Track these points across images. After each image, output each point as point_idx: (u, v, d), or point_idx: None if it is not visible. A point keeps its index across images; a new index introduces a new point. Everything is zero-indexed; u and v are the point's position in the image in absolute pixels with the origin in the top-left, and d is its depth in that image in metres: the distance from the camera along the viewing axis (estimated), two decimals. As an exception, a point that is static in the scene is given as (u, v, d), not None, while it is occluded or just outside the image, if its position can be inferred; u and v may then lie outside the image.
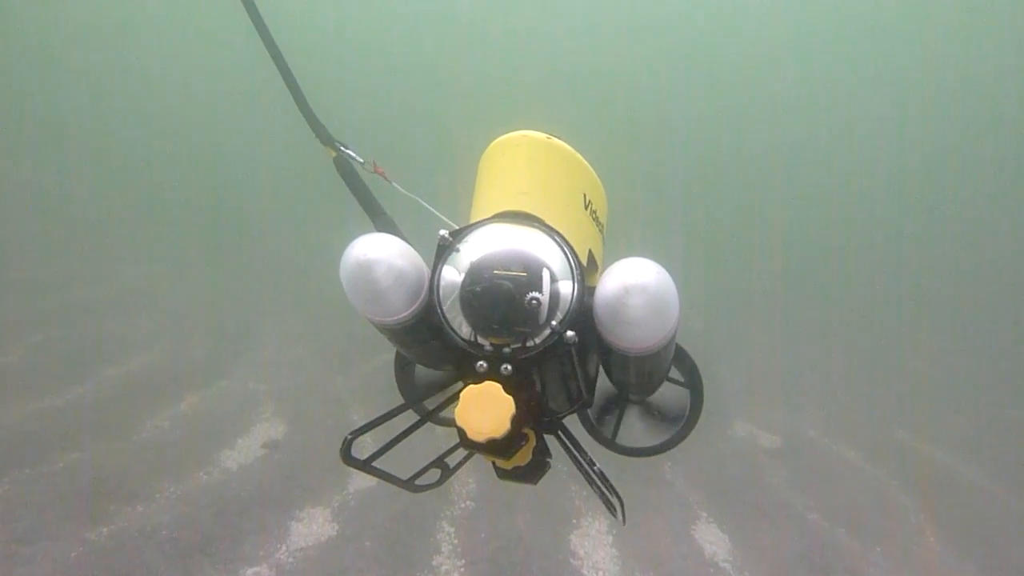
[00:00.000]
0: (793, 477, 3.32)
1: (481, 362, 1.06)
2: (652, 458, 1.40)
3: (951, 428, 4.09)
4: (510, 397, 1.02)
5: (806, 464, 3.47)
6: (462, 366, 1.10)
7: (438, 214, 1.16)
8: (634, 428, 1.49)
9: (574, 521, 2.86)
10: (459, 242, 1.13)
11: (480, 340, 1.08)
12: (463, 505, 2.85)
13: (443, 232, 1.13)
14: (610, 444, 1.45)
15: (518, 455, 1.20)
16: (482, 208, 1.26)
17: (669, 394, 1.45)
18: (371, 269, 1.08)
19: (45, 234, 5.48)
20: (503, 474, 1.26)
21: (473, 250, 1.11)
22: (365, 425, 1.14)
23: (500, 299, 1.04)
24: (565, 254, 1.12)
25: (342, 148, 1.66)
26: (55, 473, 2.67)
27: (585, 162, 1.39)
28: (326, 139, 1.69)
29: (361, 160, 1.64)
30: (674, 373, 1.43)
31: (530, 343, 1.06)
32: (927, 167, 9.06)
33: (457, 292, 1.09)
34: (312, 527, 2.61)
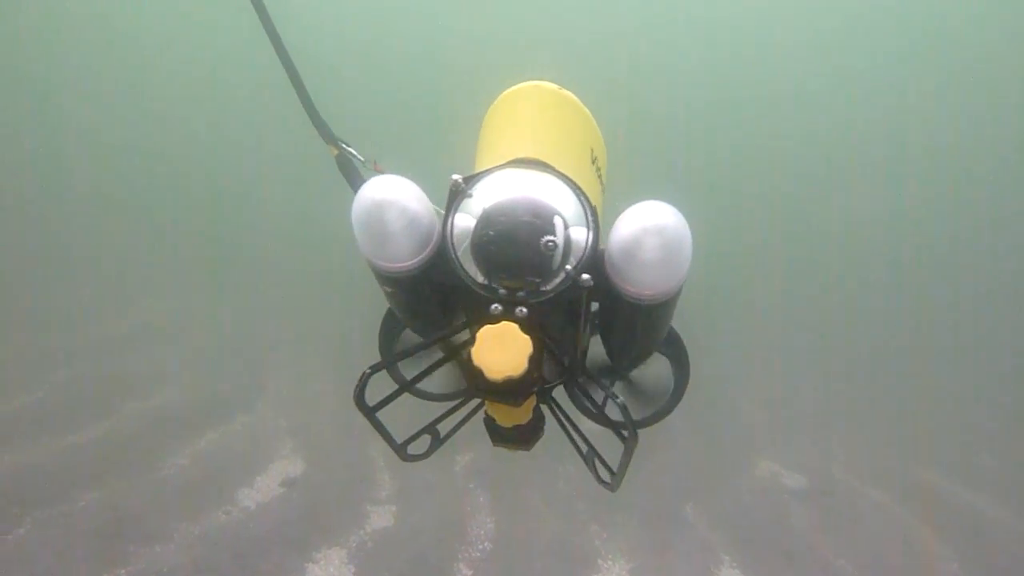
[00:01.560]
0: (820, 520, 3.23)
1: (496, 304, 1.05)
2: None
3: (984, 469, 3.97)
4: (527, 336, 1.01)
5: (833, 506, 3.38)
6: (474, 311, 1.09)
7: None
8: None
9: (593, 563, 2.80)
10: (472, 187, 1.13)
11: (493, 284, 1.07)
12: (481, 547, 2.81)
13: (456, 177, 1.12)
14: (598, 417, 1.45)
15: (521, 410, 1.18)
16: (493, 156, 1.25)
17: (653, 370, 1.43)
18: (384, 210, 1.06)
19: (67, 269, 5.58)
20: (500, 438, 1.25)
21: (486, 196, 1.11)
22: (382, 363, 1.15)
23: (516, 241, 1.04)
24: (579, 199, 1.13)
25: (344, 146, 1.69)
26: (75, 513, 2.68)
27: (592, 118, 1.39)
28: (329, 137, 1.73)
29: (362, 159, 1.67)
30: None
31: (544, 287, 1.06)
32: (970, 191, 8.61)
33: (470, 237, 1.08)
34: (329, 569, 2.59)
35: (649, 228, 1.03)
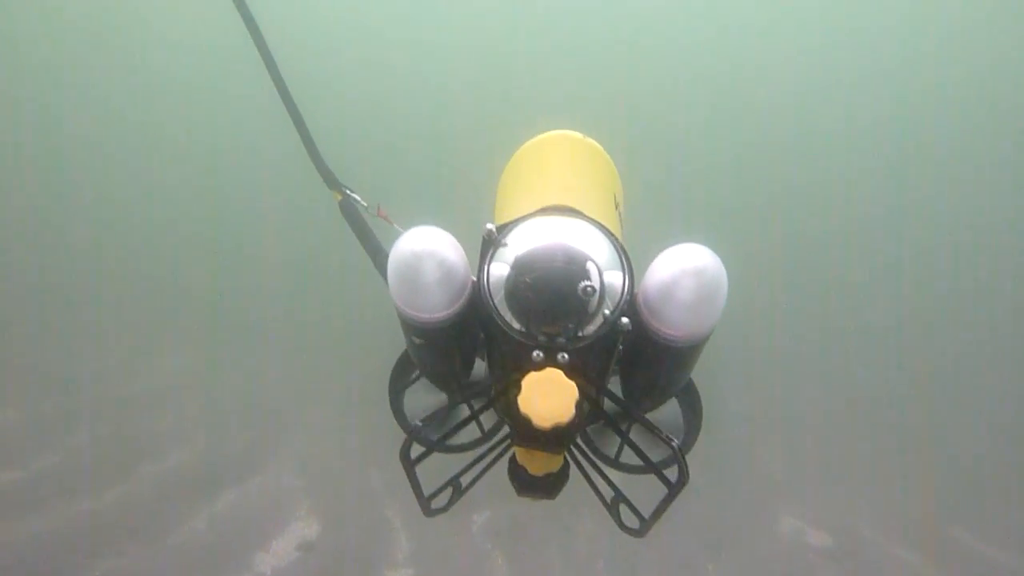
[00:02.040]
0: (847, 582, 3.12)
1: (538, 352, 1.05)
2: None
3: (1018, 526, 3.82)
4: (572, 382, 1.01)
5: (861, 567, 3.27)
6: (513, 360, 1.09)
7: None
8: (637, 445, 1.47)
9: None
10: (505, 236, 1.13)
11: (532, 332, 1.07)
12: (499, 611, 2.74)
13: (489, 226, 1.12)
14: (614, 463, 1.42)
15: (554, 457, 1.19)
16: (521, 204, 1.26)
17: (664, 414, 1.43)
18: (422, 262, 1.07)
19: (82, 328, 5.62)
20: (527, 487, 1.24)
21: (519, 244, 1.11)
22: (430, 418, 1.17)
23: (554, 288, 1.04)
24: (612, 244, 1.13)
25: (348, 192, 1.71)
26: (94, 581, 2.67)
27: (613, 164, 1.43)
28: (333, 183, 1.75)
29: (365, 204, 1.69)
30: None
31: (583, 332, 1.07)
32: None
33: (504, 286, 1.09)
34: (347, 635, 2.54)
35: (688, 270, 1.05)
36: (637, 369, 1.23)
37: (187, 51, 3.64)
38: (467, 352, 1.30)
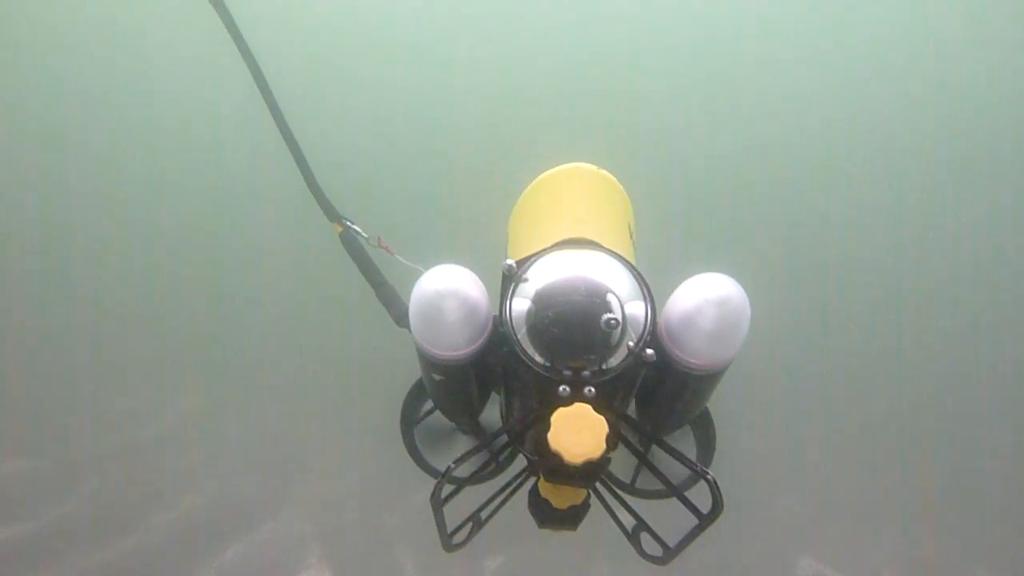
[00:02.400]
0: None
1: (563, 387, 1.06)
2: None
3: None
4: (602, 416, 1.00)
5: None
6: (536, 395, 1.09)
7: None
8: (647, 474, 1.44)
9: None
10: (526, 272, 1.14)
11: (557, 367, 1.07)
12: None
13: (510, 262, 1.13)
14: (631, 489, 1.42)
15: (579, 492, 1.18)
16: (538, 238, 1.26)
17: (676, 443, 1.42)
18: (446, 300, 1.07)
19: (87, 375, 5.60)
20: (549, 520, 1.23)
21: (539, 278, 1.12)
22: (463, 456, 1.13)
23: (578, 322, 1.04)
24: (633, 275, 1.14)
25: (348, 224, 1.73)
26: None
27: (626, 194, 1.44)
28: (333, 216, 1.76)
29: (366, 236, 1.71)
30: None
31: (607, 365, 1.07)
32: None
33: (525, 321, 1.09)
34: None
35: (712, 299, 1.05)
36: (655, 398, 1.24)
37: (182, 86, 3.67)
38: (484, 387, 1.31)
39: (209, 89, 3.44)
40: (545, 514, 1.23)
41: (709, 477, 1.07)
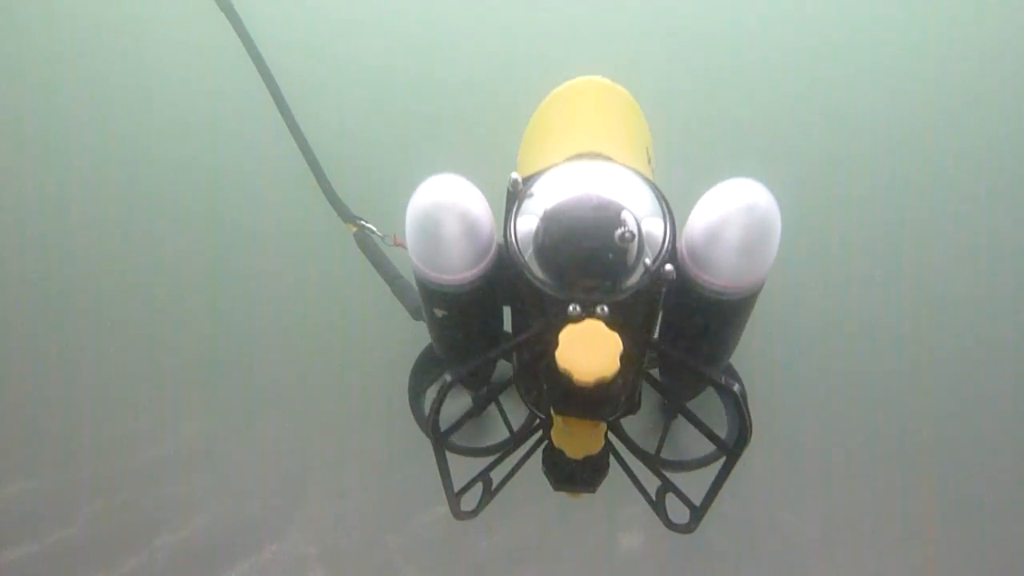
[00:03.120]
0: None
1: (574, 305, 0.97)
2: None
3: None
4: (615, 333, 0.92)
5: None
6: (547, 319, 1.00)
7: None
8: (678, 443, 1.38)
9: None
10: (531, 186, 1.05)
11: (568, 288, 0.99)
12: None
13: (515, 176, 1.04)
14: (654, 459, 1.33)
15: (595, 436, 1.09)
16: (548, 155, 1.18)
17: (708, 407, 1.34)
18: (444, 212, 0.98)
19: (92, 395, 5.55)
20: (565, 478, 1.15)
21: (547, 194, 1.04)
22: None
23: (590, 236, 0.96)
24: (650, 189, 1.06)
25: (363, 223, 1.73)
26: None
27: (643, 116, 1.35)
28: (347, 216, 1.77)
29: (381, 234, 1.71)
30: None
31: (624, 284, 0.99)
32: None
33: (533, 241, 1.01)
34: None
35: (740, 206, 0.95)
36: (680, 335, 1.15)
37: (191, 88, 3.66)
38: (493, 326, 1.21)
39: (216, 90, 3.43)
40: (560, 470, 1.15)
41: (736, 388, 0.98)
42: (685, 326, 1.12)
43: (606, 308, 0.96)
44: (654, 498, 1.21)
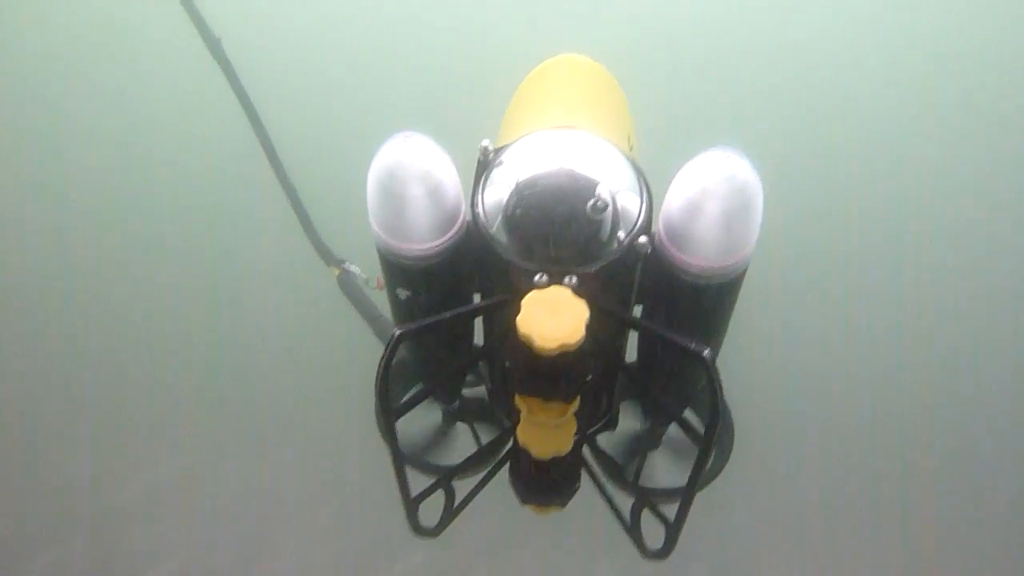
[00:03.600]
0: None
1: (541, 274, 0.90)
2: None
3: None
4: (582, 300, 0.86)
5: None
6: (514, 288, 0.94)
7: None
8: (656, 470, 1.31)
9: None
10: (502, 154, 1.00)
11: (536, 260, 0.93)
12: None
13: (485, 143, 0.98)
14: (632, 487, 1.25)
15: (563, 434, 1.01)
16: (522, 128, 1.11)
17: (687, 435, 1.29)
18: (407, 172, 0.92)
19: (75, 432, 5.37)
20: (533, 489, 1.08)
21: (519, 163, 0.98)
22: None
23: (561, 204, 0.89)
24: (626, 160, 1.01)
25: (346, 266, 1.71)
26: None
27: (626, 100, 1.29)
28: (330, 259, 1.74)
29: (365, 276, 1.67)
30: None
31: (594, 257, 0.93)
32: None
33: (502, 212, 0.95)
34: None
35: (720, 176, 0.89)
36: (657, 333, 1.06)
37: (175, 125, 3.62)
38: (460, 316, 1.13)
39: (202, 129, 3.39)
40: (527, 477, 1.08)
41: (706, 354, 0.86)
42: (661, 318, 1.06)
43: (575, 278, 0.90)
44: (628, 519, 1.13)
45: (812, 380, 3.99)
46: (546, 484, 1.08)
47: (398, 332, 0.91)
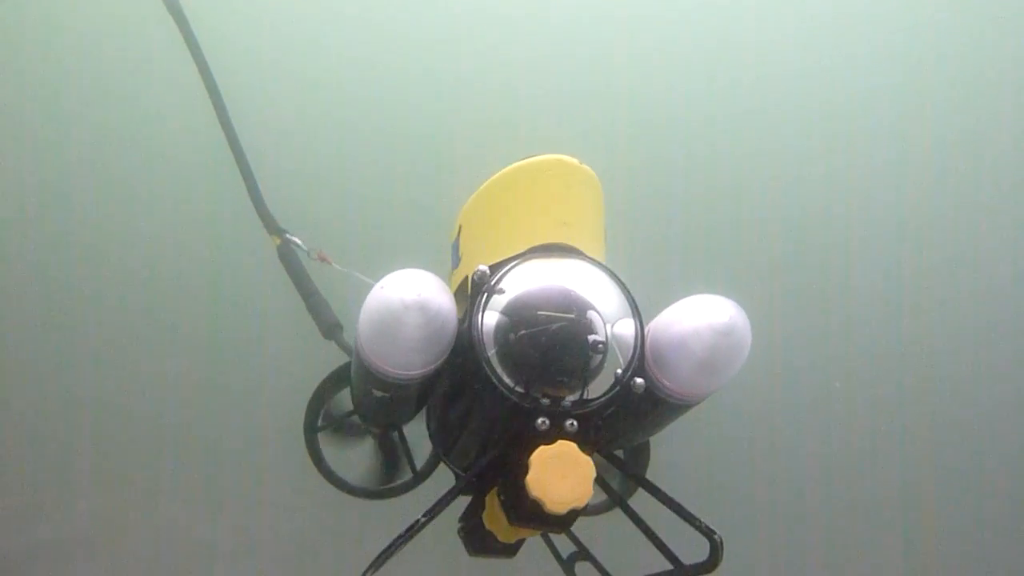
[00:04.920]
0: None
1: (542, 419, 0.93)
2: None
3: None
4: (589, 458, 0.90)
5: None
6: (504, 426, 0.97)
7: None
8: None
9: None
10: (501, 281, 1.00)
11: (534, 394, 0.94)
12: None
13: (482, 267, 1.01)
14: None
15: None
16: (510, 241, 1.12)
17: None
18: (411, 315, 0.91)
19: None
20: (483, 549, 1.12)
21: (515, 289, 1.00)
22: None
23: (562, 343, 0.93)
24: (622, 291, 1.04)
25: (287, 236, 1.72)
26: None
27: (602, 193, 1.30)
28: (273, 228, 1.77)
29: (306, 248, 1.69)
30: None
31: (589, 395, 0.96)
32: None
33: (495, 340, 0.96)
34: None
35: (715, 326, 0.97)
36: (613, 419, 1.07)
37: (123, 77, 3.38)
38: (424, 400, 1.21)
39: (149, 81, 3.16)
40: (484, 546, 1.12)
41: (716, 537, 0.96)
42: (623, 415, 1.07)
43: (576, 423, 0.94)
44: (564, 559, 1.23)
45: (811, 384, 3.86)
46: (501, 548, 1.11)
47: (420, 520, 0.97)
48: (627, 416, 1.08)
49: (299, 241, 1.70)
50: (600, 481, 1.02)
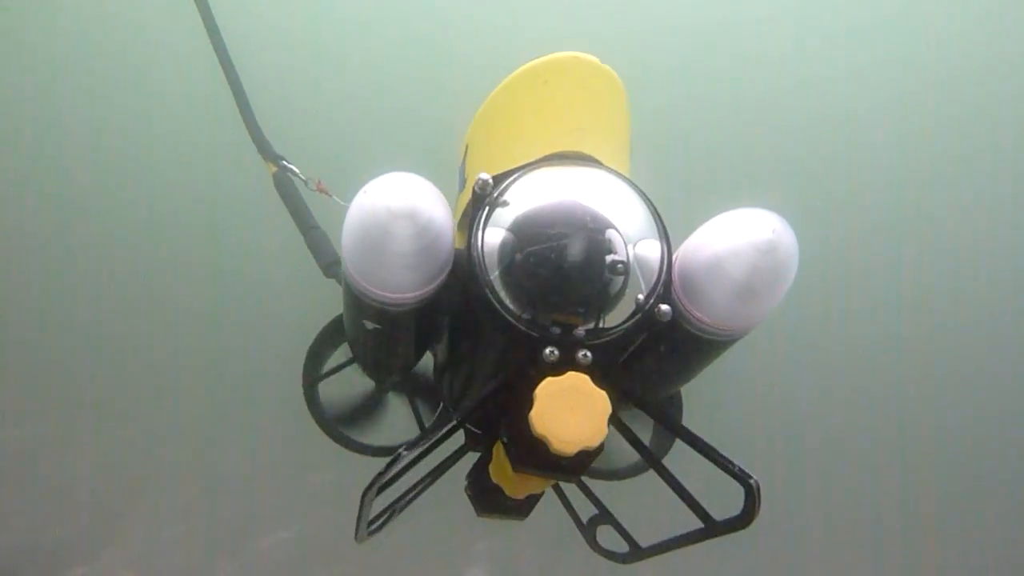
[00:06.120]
0: None
1: (551, 348, 0.81)
2: None
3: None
4: (603, 391, 0.77)
5: None
6: (510, 356, 0.85)
7: None
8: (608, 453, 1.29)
9: None
10: (505, 192, 0.87)
11: (541, 321, 0.83)
12: None
13: (484, 176, 0.86)
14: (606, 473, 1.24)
15: (547, 481, 0.97)
16: (518, 147, 0.97)
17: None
18: (400, 224, 0.78)
19: None
20: (493, 508, 1.01)
21: (523, 204, 0.86)
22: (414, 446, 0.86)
23: (575, 262, 0.80)
24: (647, 206, 0.89)
25: (284, 163, 1.57)
26: None
27: (627, 99, 1.12)
28: (270, 155, 1.61)
29: (304, 178, 1.53)
30: None
31: (605, 323, 0.83)
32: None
33: (499, 258, 0.84)
34: None
35: (758, 244, 0.80)
36: (639, 361, 0.97)
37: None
38: (425, 337, 1.05)
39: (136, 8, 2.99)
40: (492, 503, 1.00)
41: (752, 482, 0.80)
42: (650, 354, 0.95)
43: (589, 354, 0.81)
44: (584, 522, 1.10)
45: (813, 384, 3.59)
46: (510, 507, 0.99)
47: (401, 452, 0.83)
48: (651, 354, 0.95)
49: (296, 169, 1.54)
50: (629, 435, 0.92)
